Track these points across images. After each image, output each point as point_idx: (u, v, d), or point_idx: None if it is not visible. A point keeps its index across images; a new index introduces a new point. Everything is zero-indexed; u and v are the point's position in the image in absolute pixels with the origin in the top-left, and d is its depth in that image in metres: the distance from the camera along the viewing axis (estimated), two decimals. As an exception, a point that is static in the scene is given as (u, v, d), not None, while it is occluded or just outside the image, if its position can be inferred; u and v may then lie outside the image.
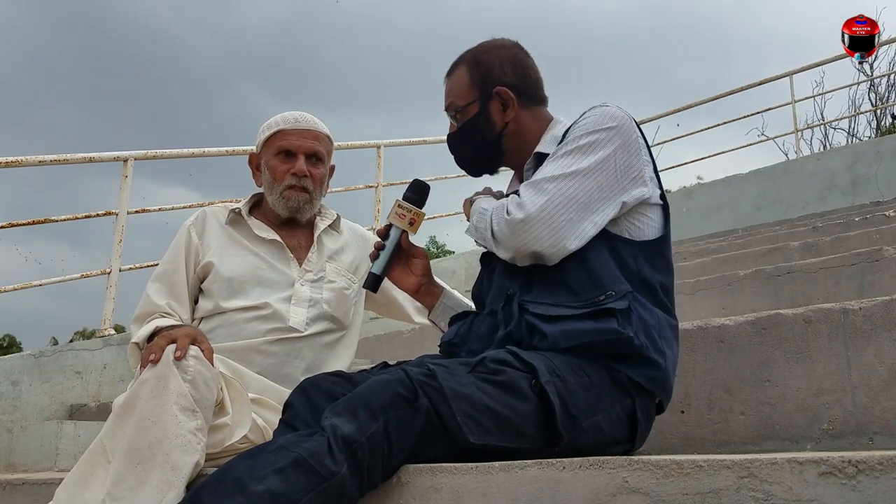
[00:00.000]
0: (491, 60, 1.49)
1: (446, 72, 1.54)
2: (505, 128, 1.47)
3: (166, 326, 1.56)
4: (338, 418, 1.08)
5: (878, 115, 12.01)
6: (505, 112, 1.47)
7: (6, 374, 3.37)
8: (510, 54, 1.50)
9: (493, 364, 1.17)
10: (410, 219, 1.51)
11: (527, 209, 1.29)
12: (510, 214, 1.31)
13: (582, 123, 1.36)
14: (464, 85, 1.49)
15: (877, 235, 3.19)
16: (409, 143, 6.14)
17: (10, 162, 3.52)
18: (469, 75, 1.49)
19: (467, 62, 1.51)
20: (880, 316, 1.40)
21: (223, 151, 4.60)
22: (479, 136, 1.49)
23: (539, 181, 1.32)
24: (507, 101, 1.47)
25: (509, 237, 1.31)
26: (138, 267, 4.12)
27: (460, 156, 1.56)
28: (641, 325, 1.25)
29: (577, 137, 1.34)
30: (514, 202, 1.32)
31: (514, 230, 1.29)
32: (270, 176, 1.79)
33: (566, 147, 1.34)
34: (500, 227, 1.32)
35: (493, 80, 1.47)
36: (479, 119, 1.48)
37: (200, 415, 1.34)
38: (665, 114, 8.68)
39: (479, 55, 1.50)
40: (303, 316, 1.72)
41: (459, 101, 1.50)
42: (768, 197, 7.09)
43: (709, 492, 0.86)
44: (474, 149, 1.52)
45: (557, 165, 1.32)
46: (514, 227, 1.29)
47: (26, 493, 1.84)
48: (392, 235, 1.52)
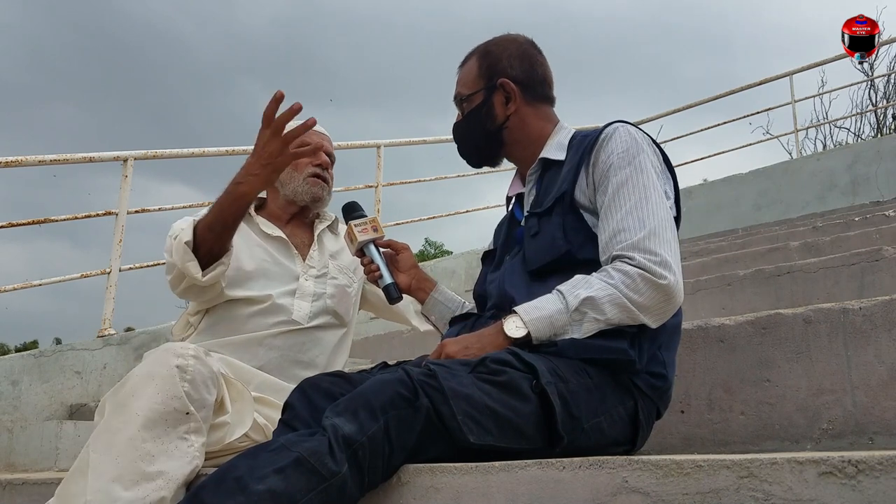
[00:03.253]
0: (499, 52, 1.50)
1: (460, 62, 1.56)
2: (506, 121, 1.48)
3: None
4: (339, 418, 1.07)
5: (879, 115, 12.00)
6: (507, 105, 1.48)
7: (6, 374, 3.37)
8: (520, 49, 1.51)
9: (493, 364, 1.17)
10: (372, 226, 1.57)
11: (672, 268, 1.22)
12: (661, 279, 1.21)
13: (612, 150, 1.33)
14: (472, 75, 1.51)
15: (877, 235, 3.19)
16: (409, 143, 6.13)
17: (10, 162, 3.51)
18: (477, 66, 1.51)
19: (478, 53, 1.53)
20: (880, 316, 1.40)
21: (223, 151, 4.60)
22: (480, 126, 1.49)
23: (641, 229, 1.25)
24: (510, 94, 1.47)
25: (665, 300, 1.23)
26: (138, 267, 4.12)
27: (463, 145, 1.57)
28: (648, 343, 1.26)
29: (619, 167, 1.31)
30: (654, 262, 1.22)
31: (671, 293, 1.22)
32: (291, 167, 1.82)
33: (619, 179, 1.30)
34: (648, 298, 1.21)
35: (499, 72, 1.48)
36: (483, 109, 1.49)
37: (197, 416, 1.34)
38: (667, 112, 8.68)
39: (489, 46, 1.52)
40: (306, 309, 1.75)
41: (465, 91, 1.52)
42: (768, 197, 7.09)
43: (709, 492, 0.86)
44: (476, 139, 1.52)
45: (634, 202, 1.27)
46: (671, 290, 1.22)
47: (26, 493, 1.84)
48: (370, 250, 1.58)
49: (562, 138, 1.45)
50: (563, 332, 1.22)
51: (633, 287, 1.21)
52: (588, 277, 1.24)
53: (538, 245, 1.36)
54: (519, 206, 1.52)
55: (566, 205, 1.34)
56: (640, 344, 1.25)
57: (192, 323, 1.79)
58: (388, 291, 1.56)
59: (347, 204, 1.65)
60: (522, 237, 1.42)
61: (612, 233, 1.27)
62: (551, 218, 1.35)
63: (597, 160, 1.35)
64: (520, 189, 1.52)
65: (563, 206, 1.35)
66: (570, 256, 1.31)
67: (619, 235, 1.25)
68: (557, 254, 1.32)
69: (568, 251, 1.31)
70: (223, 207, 1.56)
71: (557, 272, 1.30)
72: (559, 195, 1.36)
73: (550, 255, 1.33)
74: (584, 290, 1.22)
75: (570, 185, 1.35)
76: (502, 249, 1.51)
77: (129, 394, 1.34)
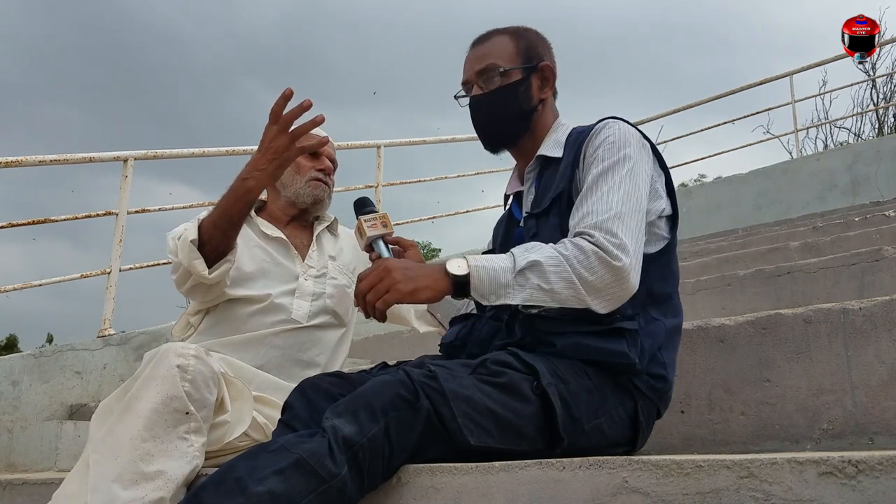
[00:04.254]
0: (533, 38, 1.49)
1: (475, 40, 1.49)
2: (539, 104, 1.46)
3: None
4: (339, 419, 1.07)
5: (880, 115, 12.00)
6: (542, 89, 1.46)
7: (6, 374, 3.37)
8: (543, 39, 1.50)
9: (494, 366, 1.17)
10: (382, 223, 1.56)
11: (629, 252, 1.19)
12: (616, 260, 1.17)
13: (599, 143, 1.33)
14: (508, 50, 1.45)
15: (877, 235, 3.19)
16: (410, 143, 6.13)
17: (10, 162, 3.51)
18: (514, 44, 1.46)
19: (510, 33, 1.48)
20: (880, 316, 1.40)
21: (223, 151, 4.60)
22: (515, 104, 1.43)
23: (607, 211, 1.23)
24: (549, 79, 1.46)
25: (616, 283, 1.18)
26: (138, 267, 4.12)
27: (488, 121, 1.46)
28: (648, 343, 1.26)
29: (602, 158, 1.31)
30: (612, 243, 1.19)
31: (624, 276, 1.18)
32: (293, 169, 1.83)
33: (599, 169, 1.29)
34: (599, 278, 1.17)
35: (538, 56, 1.46)
36: (520, 87, 1.43)
37: (197, 416, 1.34)
38: (667, 113, 8.68)
39: (520, 30, 1.49)
40: (306, 309, 1.76)
41: (503, 63, 1.43)
42: (768, 197, 7.09)
43: (709, 492, 0.86)
44: (504, 116, 1.44)
45: (607, 188, 1.26)
46: (624, 273, 1.18)
47: (26, 493, 1.84)
48: (379, 246, 1.56)
49: (559, 135, 1.44)
50: (503, 294, 1.18)
51: (586, 264, 1.17)
52: (542, 245, 1.22)
53: None
54: (517, 205, 1.51)
55: (563, 205, 1.34)
56: (640, 345, 1.25)
57: (192, 323, 1.79)
58: None
59: (359, 199, 1.63)
60: (521, 238, 1.41)
61: (581, 216, 1.25)
62: (549, 219, 1.35)
63: (585, 154, 1.35)
64: (518, 187, 1.51)
65: (560, 206, 1.34)
66: None
67: (586, 218, 1.24)
68: None
69: None
70: (229, 204, 1.56)
71: None
72: (556, 195, 1.35)
73: None
74: (534, 254, 1.19)
75: (567, 183, 1.35)
76: (501, 249, 1.50)
77: (130, 395, 1.34)
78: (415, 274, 1.22)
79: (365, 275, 1.25)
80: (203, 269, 1.57)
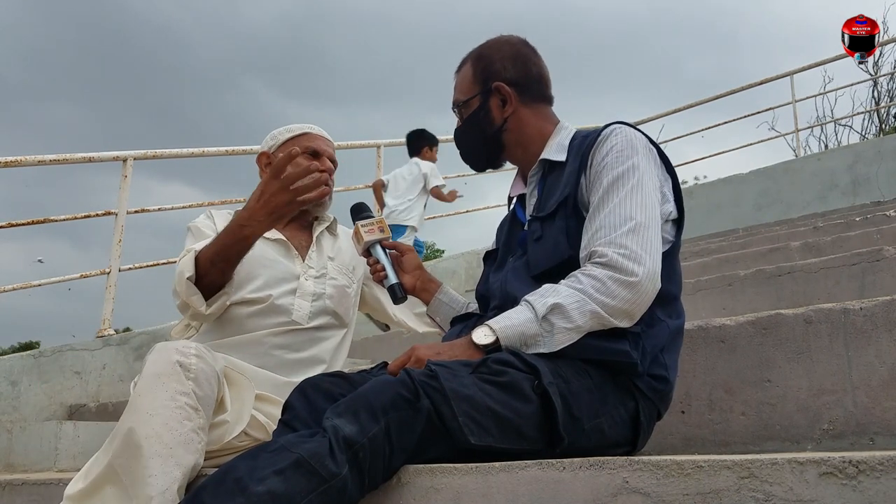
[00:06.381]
0: (492, 56, 1.50)
1: (455, 68, 1.56)
2: (504, 123, 1.48)
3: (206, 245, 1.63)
4: (339, 419, 1.07)
5: (881, 113, 12.00)
6: (504, 107, 1.48)
7: (6, 374, 3.37)
8: (513, 50, 1.51)
9: (495, 365, 1.17)
10: (378, 227, 1.59)
11: (643, 261, 1.21)
12: (631, 276, 1.20)
13: (607, 150, 1.33)
14: (467, 80, 1.52)
15: (877, 235, 3.19)
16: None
17: (9, 162, 3.52)
18: (472, 71, 1.51)
19: (472, 58, 1.53)
20: (881, 316, 1.40)
21: (223, 151, 4.60)
22: (479, 131, 1.50)
23: (620, 225, 1.24)
24: (506, 97, 1.47)
25: (637, 297, 1.20)
26: (138, 267, 4.13)
27: (465, 150, 1.57)
28: (650, 345, 1.26)
29: (611, 167, 1.31)
30: (624, 255, 1.21)
31: (641, 289, 1.20)
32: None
33: (609, 179, 1.30)
34: (621, 300, 1.19)
35: (493, 76, 1.48)
36: (480, 114, 1.49)
37: (203, 413, 1.35)
38: (668, 112, 8.68)
39: (482, 51, 1.53)
40: (306, 309, 1.76)
41: (462, 97, 1.53)
42: (769, 197, 7.09)
43: (709, 492, 0.86)
44: (476, 144, 1.53)
45: (618, 200, 1.27)
46: (641, 286, 1.20)
47: (26, 493, 1.84)
48: (377, 250, 1.60)
49: (562, 139, 1.45)
50: (533, 344, 1.20)
51: (605, 291, 1.19)
52: (556, 286, 1.23)
53: (542, 249, 1.35)
54: (521, 207, 1.52)
55: (569, 209, 1.34)
56: (642, 346, 1.24)
57: (192, 325, 1.79)
58: (393, 291, 1.57)
59: (355, 205, 1.67)
60: (525, 240, 1.41)
61: (595, 230, 1.27)
62: (554, 222, 1.35)
63: (593, 161, 1.35)
64: (521, 190, 1.52)
65: (566, 210, 1.34)
66: (573, 261, 1.30)
67: (599, 232, 1.26)
68: (561, 258, 1.32)
69: (571, 256, 1.31)
70: (227, 245, 1.59)
71: (561, 276, 1.29)
72: (562, 199, 1.35)
73: (554, 260, 1.33)
74: (552, 297, 1.21)
75: (573, 188, 1.35)
76: (504, 250, 1.51)
77: (137, 395, 1.34)
78: (445, 353, 1.23)
79: (394, 361, 1.26)
80: (201, 305, 1.61)
